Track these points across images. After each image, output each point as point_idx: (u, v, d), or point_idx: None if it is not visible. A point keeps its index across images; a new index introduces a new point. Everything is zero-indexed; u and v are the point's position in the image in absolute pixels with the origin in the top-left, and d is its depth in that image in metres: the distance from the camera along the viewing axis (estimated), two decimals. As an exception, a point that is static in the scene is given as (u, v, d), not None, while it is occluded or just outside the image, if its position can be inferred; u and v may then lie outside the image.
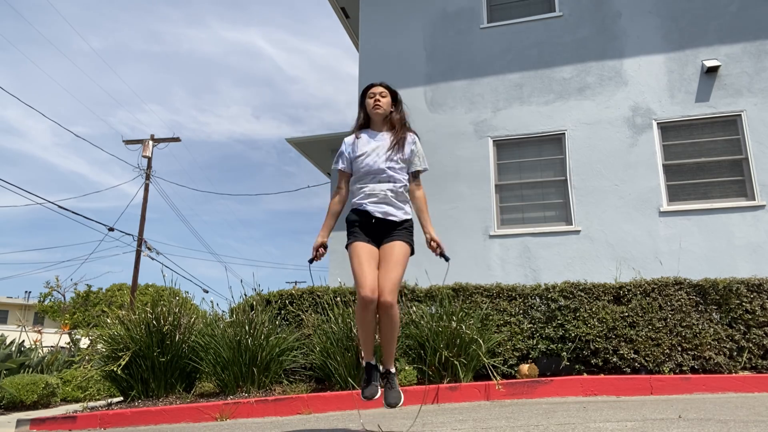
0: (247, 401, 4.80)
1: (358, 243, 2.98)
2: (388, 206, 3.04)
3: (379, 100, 3.17)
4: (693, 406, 3.94)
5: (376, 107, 3.17)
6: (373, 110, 3.17)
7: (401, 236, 3.01)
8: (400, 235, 3.01)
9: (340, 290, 6.21)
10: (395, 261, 2.92)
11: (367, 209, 3.03)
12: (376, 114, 3.18)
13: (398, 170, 3.11)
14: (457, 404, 4.78)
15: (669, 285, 5.59)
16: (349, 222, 3.10)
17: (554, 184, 8.02)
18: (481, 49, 8.82)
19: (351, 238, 3.04)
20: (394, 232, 3.02)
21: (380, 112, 3.17)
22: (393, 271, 2.89)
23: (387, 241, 3.00)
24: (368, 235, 3.02)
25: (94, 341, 6.30)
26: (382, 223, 3.03)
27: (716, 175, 7.44)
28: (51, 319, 28.32)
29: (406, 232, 3.05)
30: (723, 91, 7.62)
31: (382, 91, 3.20)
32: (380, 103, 3.17)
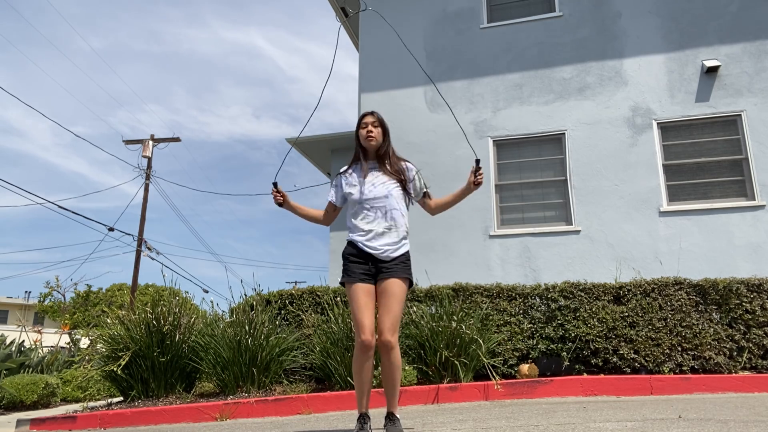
0: (247, 401, 4.80)
1: (355, 285, 2.91)
2: (387, 246, 2.97)
3: (372, 130, 3.09)
4: (693, 406, 3.94)
5: (369, 138, 3.09)
6: (366, 141, 3.10)
7: (399, 272, 2.94)
8: (398, 270, 2.94)
9: (341, 290, 6.21)
10: (394, 300, 2.87)
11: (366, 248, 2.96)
12: (370, 145, 3.11)
13: (397, 200, 3.05)
14: (457, 404, 4.78)
15: (669, 285, 5.59)
16: (345, 256, 3.03)
17: (554, 184, 8.02)
18: (481, 49, 8.82)
19: (347, 276, 2.96)
20: (392, 266, 2.95)
21: (373, 143, 3.10)
22: (392, 310, 2.85)
23: (385, 277, 2.93)
24: (365, 270, 2.95)
25: (94, 341, 6.30)
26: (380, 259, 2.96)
27: (716, 175, 7.45)
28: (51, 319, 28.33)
29: (403, 266, 2.98)
30: (723, 91, 7.62)
31: (373, 121, 3.12)
32: (372, 135, 3.09)
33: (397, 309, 2.87)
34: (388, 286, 2.91)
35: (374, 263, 2.97)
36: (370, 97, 9.08)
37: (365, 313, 2.84)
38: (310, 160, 11.96)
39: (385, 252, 2.95)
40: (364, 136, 3.11)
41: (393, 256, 2.96)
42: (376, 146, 3.12)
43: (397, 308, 2.87)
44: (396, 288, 2.90)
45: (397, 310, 2.87)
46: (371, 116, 3.14)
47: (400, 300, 2.89)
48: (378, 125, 3.13)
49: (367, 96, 9.11)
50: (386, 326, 2.82)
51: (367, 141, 3.10)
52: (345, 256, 3.03)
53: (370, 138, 3.09)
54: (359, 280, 2.93)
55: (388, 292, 2.89)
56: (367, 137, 3.09)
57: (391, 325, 2.83)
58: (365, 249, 2.96)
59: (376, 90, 9.11)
